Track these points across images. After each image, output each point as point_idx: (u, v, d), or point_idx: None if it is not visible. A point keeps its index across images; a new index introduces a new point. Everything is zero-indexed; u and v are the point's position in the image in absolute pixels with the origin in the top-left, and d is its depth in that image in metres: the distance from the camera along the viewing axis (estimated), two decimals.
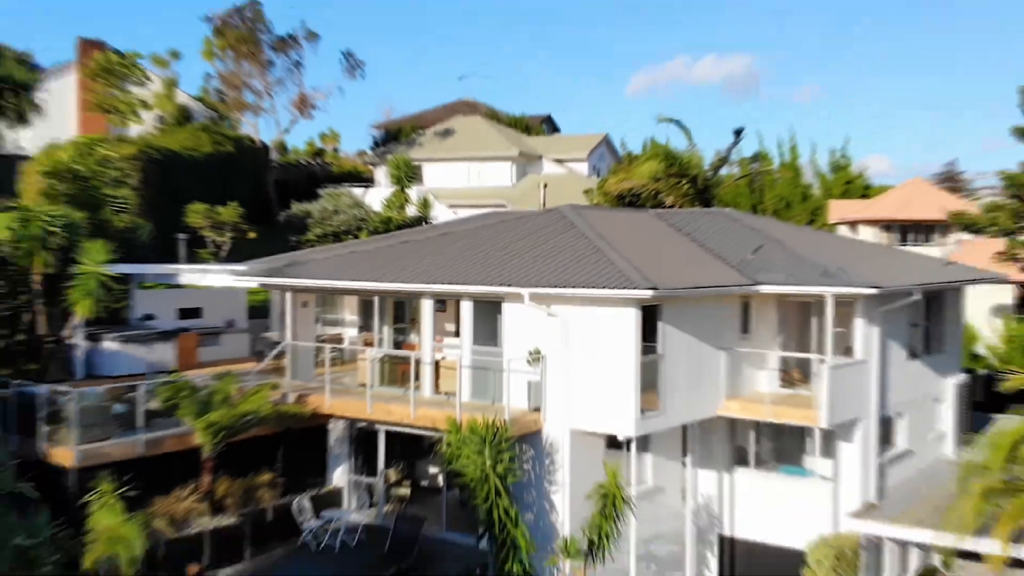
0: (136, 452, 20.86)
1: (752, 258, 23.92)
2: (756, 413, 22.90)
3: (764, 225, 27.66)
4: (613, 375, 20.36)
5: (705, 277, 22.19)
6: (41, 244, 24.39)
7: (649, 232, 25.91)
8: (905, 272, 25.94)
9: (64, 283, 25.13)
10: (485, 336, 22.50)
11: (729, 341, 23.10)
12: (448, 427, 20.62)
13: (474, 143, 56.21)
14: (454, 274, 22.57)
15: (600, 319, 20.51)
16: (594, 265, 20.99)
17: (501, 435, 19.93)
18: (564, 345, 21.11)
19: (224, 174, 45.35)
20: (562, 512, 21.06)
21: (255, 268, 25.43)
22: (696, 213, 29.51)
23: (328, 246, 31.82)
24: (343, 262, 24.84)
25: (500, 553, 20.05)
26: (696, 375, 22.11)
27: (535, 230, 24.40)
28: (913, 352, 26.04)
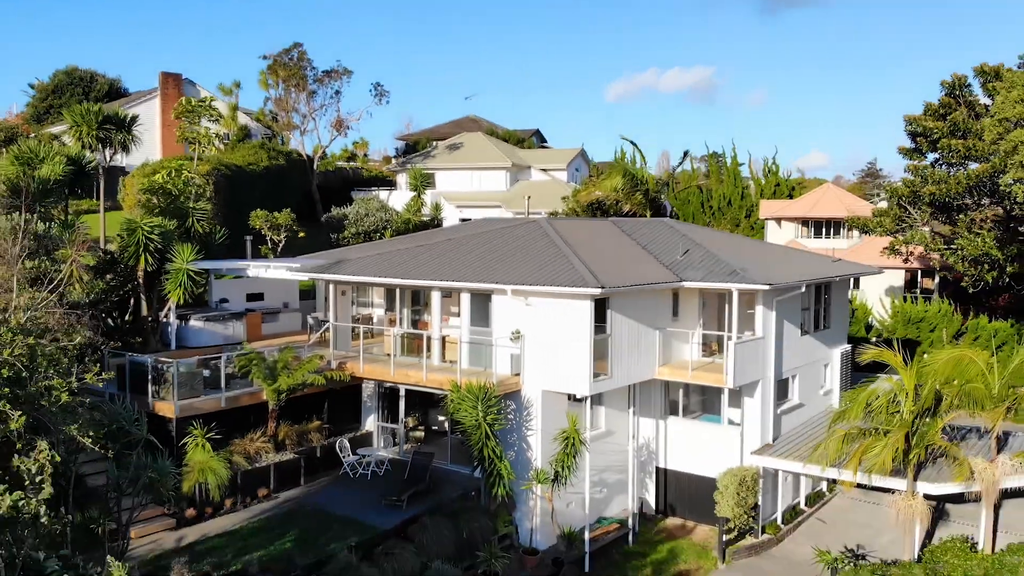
0: (219, 406, 23.12)
1: (681, 259, 26.14)
2: (682, 376, 25.20)
3: (693, 232, 29.67)
4: (573, 350, 22.64)
5: (643, 275, 24.39)
6: (143, 248, 26.56)
7: (605, 238, 28.04)
8: (798, 269, 28.10)
9: (161, 276, 27.31)
10: (479, 319, 24.77)
11: (662, 323, 25.37)
12: (451, 387, 22.95)
13: (476, 155, 58.03)
14: (456, 273, 24.76)
15: (564, 308, 22.76)
16: (559, 268, 23.20)
17: (490, 394, 22.23)
18: (537, 327, 23.37)
19: (278, 183, 47.31)
20: (535, 450, 23.40)
21: (306, 265, 27.51)
22: (642, 221, 31.63)
23: (360, 245, 33.80)
24: (372, 262, 26.99)
25: (489, 480, 22.41)
26: (636, 349, 24.38)
27: (517, 238, 26.54)
28: (804, 329, 28.36)
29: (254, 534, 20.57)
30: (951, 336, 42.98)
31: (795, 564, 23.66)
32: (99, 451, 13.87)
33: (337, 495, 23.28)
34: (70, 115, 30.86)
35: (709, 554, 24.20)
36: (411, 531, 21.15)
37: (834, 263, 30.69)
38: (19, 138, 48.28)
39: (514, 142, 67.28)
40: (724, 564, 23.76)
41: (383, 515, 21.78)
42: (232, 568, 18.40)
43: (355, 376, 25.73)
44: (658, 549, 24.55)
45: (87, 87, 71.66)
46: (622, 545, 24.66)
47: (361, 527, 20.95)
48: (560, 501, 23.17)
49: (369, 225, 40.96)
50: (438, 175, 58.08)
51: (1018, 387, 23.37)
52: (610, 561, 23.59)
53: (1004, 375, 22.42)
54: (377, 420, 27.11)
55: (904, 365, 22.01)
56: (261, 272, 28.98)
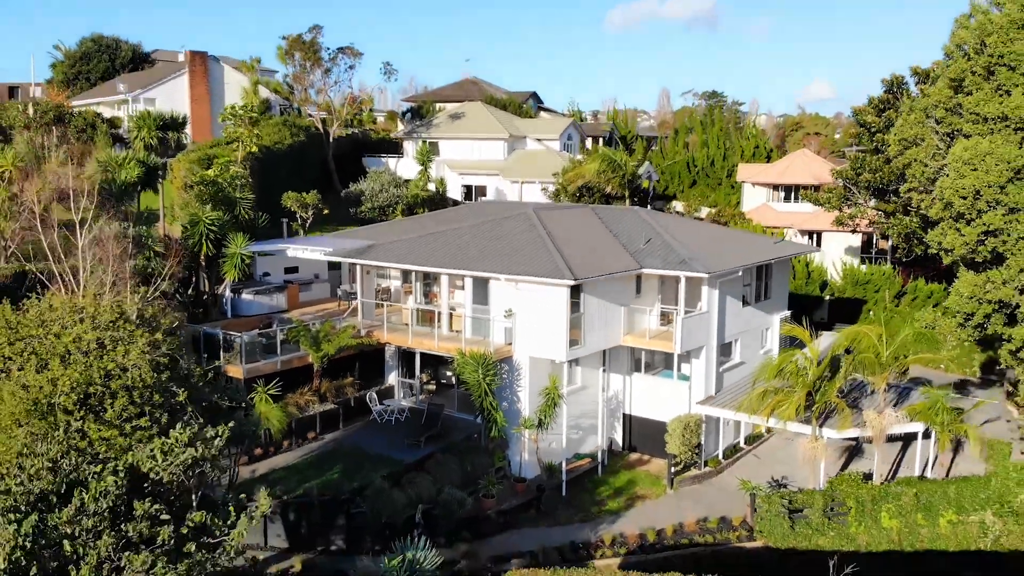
0: (276, 368, 29.23)
1: (644, 247, 31.96)
2: (641, 343, 31.23)
3: (657, 220, 35.17)
4: (553, 325, 28.64)
5: (611, 264, 30.19)
6: (204, 237, 32.33)
7: (584, 227, 33.69)
8: (741, 255, 33.79)
9: (218, 259, 33.16)
10: (480, 299, 30.70)
11: (627, 300, 31.31)
12: (458, 354, 29.06)
13: (476, 126, 63.07)
14: (460, 263, 30.51)
15: (546, 292, 28.63)
16: (543, 260, 29.02)
17: (488, 360, 28.31)
18: (526, 306, 29.33)
19: (299, 157, 52.62)
20: (524, 403, 29.61)
21: (338, 250, 33.18)
22: (616, 210, 37.26)
23: (377, 226, 39.39)
24: (392, 249, 32.67)
25: (488, 426, 28.64)
26: (605, 321, 30.35)
27: (510, 231, 32.20)
28: (746, 301, 34.33)
29: (308, 467, 26.95)
30: (892, 296, 49.11)
31: (728, 491, 30.04)
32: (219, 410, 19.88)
33: (369, 437, 29.57)
34: (133, 121, 36.25)
35: (660, 482, 30.60)
36: (428, 465, 27.48)
37: (775, 244, 36.51)
38: (67, 116, 53.46)
39: (513, 108, 72.17)
40: (672, 490, 30.18)
41: (406, 453, 28.11)
42: (297, 493, 24.75)
43: (380, 341, 31.80)
44: (620, 478, 30.94)
45: (112, 54, 76.29)
46: (593, 475, 31.05)
47: (390, 461, 27.30)
48: (544, 441, 29.44)
49: (383, 200, 46.59)
50: (441, 143, 63.25)
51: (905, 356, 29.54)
52: (582, 488, 29.99)
53: (892, 347, 28.50)
54: (398, 376, 33.29)
55: (811, 339, 28.07)
56: (299, 253, 34.83)
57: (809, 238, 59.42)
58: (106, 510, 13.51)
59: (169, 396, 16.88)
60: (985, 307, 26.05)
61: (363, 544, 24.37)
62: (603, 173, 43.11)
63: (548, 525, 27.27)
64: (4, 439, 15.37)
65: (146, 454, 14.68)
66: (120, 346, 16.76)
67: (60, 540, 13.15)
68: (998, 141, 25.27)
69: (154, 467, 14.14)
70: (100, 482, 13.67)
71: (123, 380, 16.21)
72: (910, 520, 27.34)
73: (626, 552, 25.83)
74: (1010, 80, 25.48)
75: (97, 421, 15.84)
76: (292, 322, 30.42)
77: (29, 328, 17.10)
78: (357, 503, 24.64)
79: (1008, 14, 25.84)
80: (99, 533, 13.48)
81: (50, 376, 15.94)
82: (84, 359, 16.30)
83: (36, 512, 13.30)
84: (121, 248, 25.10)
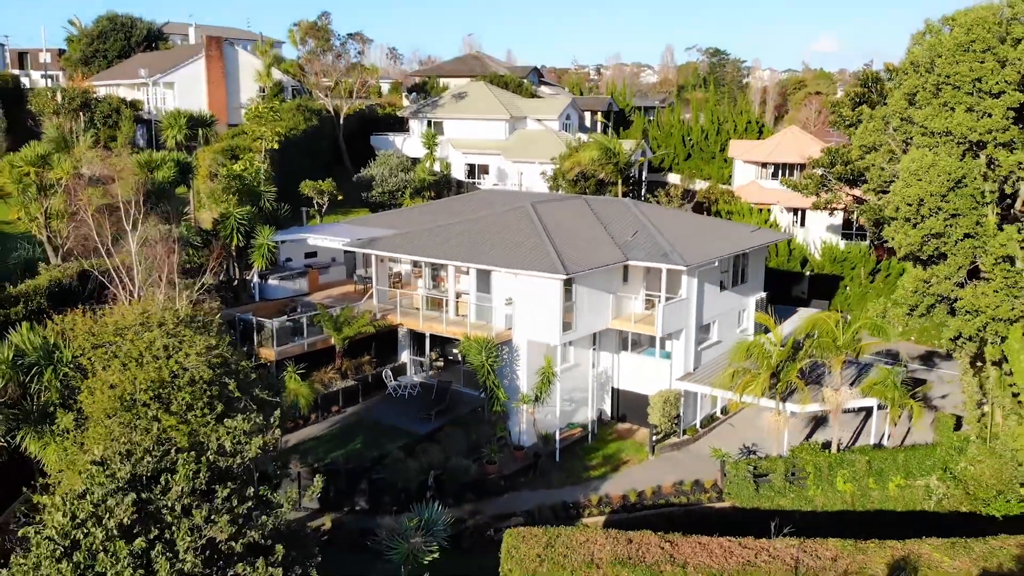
0: (303, 349, 32.81)
1: (631, 240, 35.24)
2: (627, 327, 34.68)
3: (644, 212, 38.24)
4: (548, 312, 32.08)
5: (601, 257, 33.45)
6: (235, 230, 35.64)
7: (577, 219, 36.82)
8: (720, 245, 36.96)
9: (247, 249, 36.50)
10: (483, 287, 34.07)
11: (615, 288, 34.68)
12: (464, 338, 32.53)
13: (479, 107, 65.75)
14: (464, 256, 33.74)
15: (542, 284, 31.98)
16: (540, 255, 32.31)
17: (491, 343, 31.83)
18: (524, 295, 32.71)
19: (314, 141, 55.63)
20: (522, 380, 33.15)
21: (354, 241, 36.46)
22: (608, 202, 40.37)
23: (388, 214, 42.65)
24: (404, 240, 35.96)
25: (490, 401, 32.22)
26: (595, 308, 33.75)
27: (509, 224, 35.35)
28: (724, 286, 37.68)
29: (334, 439, 30.64)
30: (867, 273, 52.43)
31: (703, 457, 33.70)
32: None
33: (386, 410, 33.24)
34: (166, 119, 39.30)
35: (644, 450, 34.28)
36: (438, 436, 31.15)
37: (752, 233, 39.73)
38: (93, 101, 56.39)
39: (513, 86, 74.68)
40: (653, 456, 33.86)
41: (419, 425, 31.77)
42: (326, 461, 28.45)
43: (394, 324, 35.30)
44: (608, 446, 34.64)
45: (128, 32, 78.74)
46: (584, 443, 34.74)
47: (405, 433, 30.98)
48: (540, 414, 33.09)
49: (393, 185, 49.77)
50: (446, 123, 66.05)
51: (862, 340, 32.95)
52: (574, 455, 33.69)
53: (849, 331, 31.90)
54: (410, 354, 36.86)
55: (775, 325, 31.50)
56: (319, 242, 38.15)
57: (794, 214, 62.53)
58: (193, 490, 17.08)
59: (222, 388, 20.38)
60: (928, 299, 29.36)
61: (383, 505, 28.12)
62: (598, 161, 46.13)
63: (543, 488, 30.98)
64: (100, 428, 18.91)
65: (215, 440, 18.22)
66: (182, 349, 20.21)
67: (158, 512, 16.74)
68: (942, 154, 28.34)
69: (229, 462, 17.67)
70: (185, 467, 17.23)
71: (186, 377, 19.70)
72: (862, 484, 30.98)
73: (610, 511, 29.56)
74: (954, 98, 28.43)
75: (166, 411, 19.36)
76: (315, 305, 33.88)
77: (107, 335, 20.54)
78: (377, 470, 28.35)
79: (955, 37, 28.70)
80: (188, 508, 17.07)
81: (130, 376, 19.43)
82: (155, 362, 19.76)
83: (134, 491, 16.88)
84: (167, 248, 28.34)
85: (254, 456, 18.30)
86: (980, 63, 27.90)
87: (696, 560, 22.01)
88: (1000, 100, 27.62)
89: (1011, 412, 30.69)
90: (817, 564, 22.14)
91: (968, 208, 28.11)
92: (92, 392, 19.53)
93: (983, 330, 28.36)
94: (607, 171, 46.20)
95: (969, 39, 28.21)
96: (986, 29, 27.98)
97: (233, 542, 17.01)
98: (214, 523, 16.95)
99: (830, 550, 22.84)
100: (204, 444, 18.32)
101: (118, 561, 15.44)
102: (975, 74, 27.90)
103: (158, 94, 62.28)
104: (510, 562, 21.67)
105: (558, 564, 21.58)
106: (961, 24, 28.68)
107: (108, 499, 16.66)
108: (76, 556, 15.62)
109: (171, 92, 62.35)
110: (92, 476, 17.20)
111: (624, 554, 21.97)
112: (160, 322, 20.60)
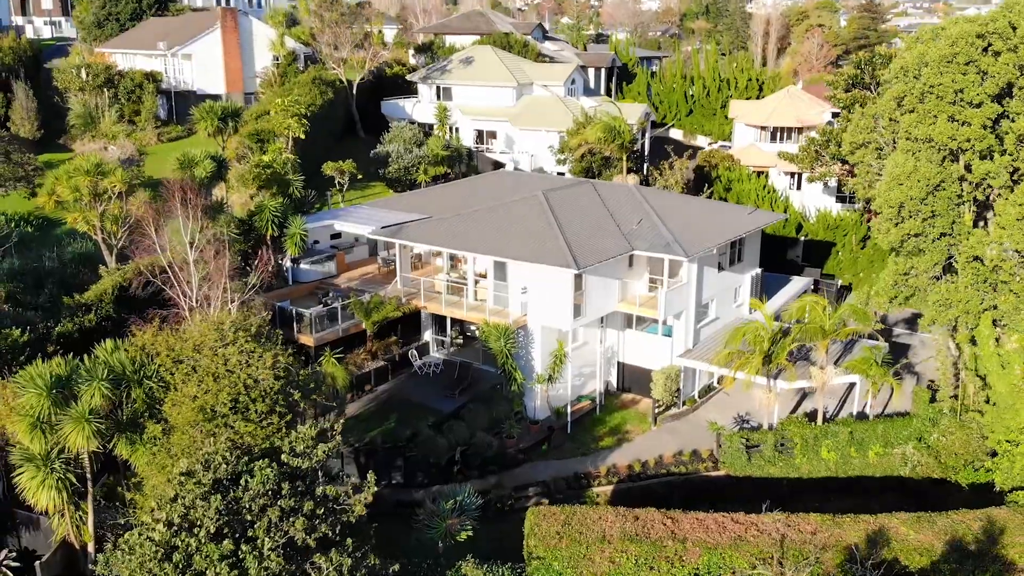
0: (338, 335, 35.76)
1: (636, 228, 37.83)
2: (632, 310, 37.51)
3: (649, 198, 40.65)
4: (560, 300, 34.92)
5: (609, 248, 35.88)
6: (270, 221, 38.15)
7: (586, 207, 39.18)
8: (720, 229, 39.48)
9: (280, 237, 39.04)
10: (500, 276, 36.79)
11: (621, 274, 37.38)
12: (483, 324, 35.43)
13: (487, 73, 67.13)
14: (483, 248, 36.31)
15: (555, 275, 34.66)
16: (553, 247, 34.87)
17: (509, 330, 34.77)
18: (538, 284, 35.46)
19: (330, 113, 57.56)
20: (537, 361, 36.15)
21: (377, 230, 38.87)
22: (613, 186, 42.81)
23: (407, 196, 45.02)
24: (426, 231, 38.48)
25: (508, 380, 35.33)
26: (602, 293, 36.49)
27: (523, 215, 37.71)
28: (722, 267, 40.39)
29: (370, 417, 33.85)
30: (859, 239, 55.01)
31: (701, 426, 36.92)
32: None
33: (413, 388, 36.40)
34: (198, 112, 41.47)
35: (647, 420, 37.54)
36: (462, 413, 34.34)
37: (749, 215, 42.26)
38: (116, 77, 58.15)
39: (518, 48, 75.86)
40: (655, 427, 37.11)
41: (444, 402, 34.96)
42: (365, 441, 31.68)
43: (417, 307, 38.17)
44: (614, 417, 37.84)
45: None
46: (592, 415, 37.98)
47: (433, 411, 34.18)
48: (552, 390, 36.24)
49: (408, 162, 52.02)
50: (454, 89, 67.63)
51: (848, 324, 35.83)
52: (583, 427, 36.93)
53: (835, 316, 34.78)
54: (432, 333, 39.87)
55: (770, 318, 34.42)
56: (345, 228, 40.75)
57: (791, 178, 64.82)
58: (268, 491, 20.21)
59: (288, 396, 23.38)
60: (906, 291, 32.19)
61: (416, 478, 31.48)
62: (603, 139, 48.31)
63: (556, 459, 34.31)
64: (184, 437, 21.95)
65: (288, 444, 21.27)
66: (252, 363, 23.09)
67: (240, 511, 19.90)
68: (923, 159, 30.77)
69: (300, 464, 20.74)
70: (262, 472, 20.32)
71: (258, 390, 22.66)
72: (845, 453, 34.27)
73: (617, 481, 32.94)
74: (937, 107, 30.68)
75: (245, 420, 22.38)
76: (343, 290, 36.76)
77: (187, 351, 23.41)
78: (411, 448, 31.61)
79: (940, 49, 30.81)
80: (265, 507, 20.21)
81: (211, 388, 22.39)
82: (229, 376, 22.69)
83: (218, 493, 20.01)
84: (216, 251, 30.82)
85: (321, 460, 21.41)
86: (963, 75, 30.09)
87: (694, 536, 25.35)
88: (980, 111, 29.88)
89: (980, 390, 33.77)
90: (799, 538, 25.45)
91: (945, 209, 30.68)
92: (176, 404, 22.51)
93: (955, 321, 31.23)
94: (612, 148, 48.42)
95: (953, 52, 30.34)
96: (968, 43, 30.09)
97: (308, 536, 20.25)
98: (291, 521, 20.16)
99: (811, 524, 26.17)
100: (277, 448, 21.44)
101: (212, 563, 18.64)
102: (957, 85, 30.12)
103: (176, 65, 63.88)
104: (533, 539, 25.01)
105: (575, 540, 24.93)
106: (947, 37, 30.75)
107: (197, 503, 19.84)
108: (175, 557, 18.84)
109: (188, 64, 63.96)
110: (182, 484, 20.34)
111: (632, 531, 25.32)
112: (234, 340, 23.39)
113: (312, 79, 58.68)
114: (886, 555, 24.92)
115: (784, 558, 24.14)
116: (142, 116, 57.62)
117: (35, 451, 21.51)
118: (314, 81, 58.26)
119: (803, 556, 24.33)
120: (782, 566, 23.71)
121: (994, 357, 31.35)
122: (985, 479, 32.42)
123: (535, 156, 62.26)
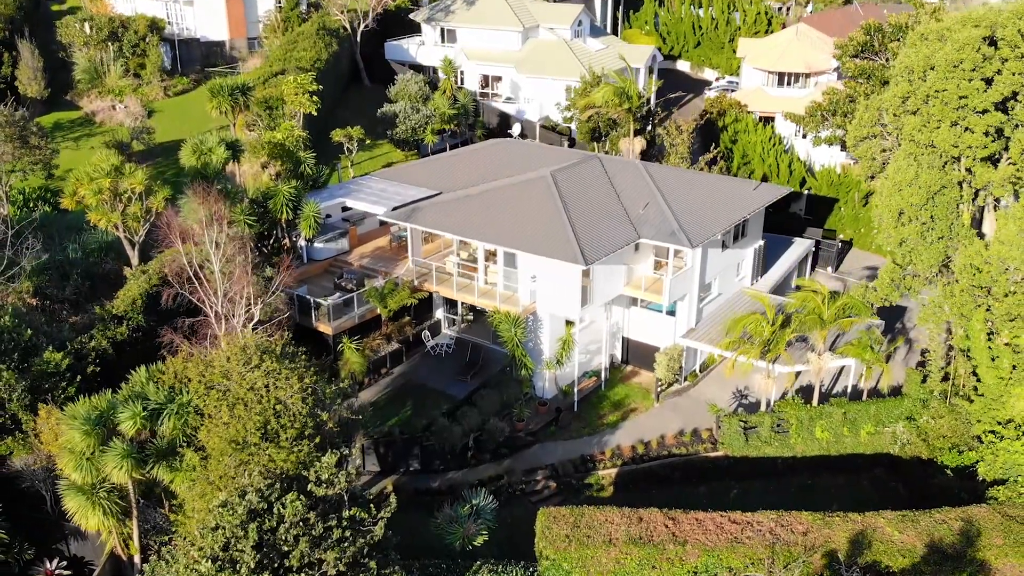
0: (356, 322, 36.92)
1: (642, 212, 38.42)
2: (637, 294, 38.57)
3: (655, 177, 41.00)
4: (568, 290, 35.92)
5: (616, 238, 36.53)
6: (284, 204, 38.69)
7: (595, 188, 39.72)
8: (726, 211, 39.90)
9: (295, 219, 39.67)
10: (510, 264, 37.62)
11: (627, 260, 38.21)
12: (494, 311, 36.54)
13: (492, 16, 65.82)
14: (493, 237, 36.93)
15: (563, 267, 35.45)
16: (561, 240, 35.60)
17: (519, 318, 35.91)
18: (547, 273, 36.36)
19: (336, 67, 56.93)
20: (545, 347, 37.44)
21: (389, 213, 39.51)
22: (620, 163, 42.98)
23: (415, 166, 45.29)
24: (438, 213, 39.07)
25: (518, 367, 36.71)
26: (609, 279, 37.48)
27: (531, 200, 38.11)
28: (725, 245, 41.16)
29: (387, 404, 35.42)
30: (862, 197, 55.37)
31: (701, 402, 38.51)
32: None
33: (427, 370, 37.84)
34: (210, 87, 41.40)
35: (649, 396, 39.10)
36: (474, 398, 35.89)
37: (754, 191, 42.65)
38: (119, 30, 57.29)
39: None
40: (658, 403, 38.75)
41: (457, 387, 36.47)
42: (384, 431, 33.33)
43: (429, 290, 39.18)
44: (617, 391, 39.34)
45: None
46: (597, 391, 39.55)
47: (447, 397, 35.73)
48: (560, 372, 37.69)
49: (415, 122, 51.94)
50: (459, 31, 66.61)
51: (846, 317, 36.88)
52: (589, 404, 38.52)
53: (833, 308, 35.81)
54: (444, 312, 41.04)
55: (771, 306, 35.46)
56: (357, 206, 41.34)
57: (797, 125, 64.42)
58: (300, 521, 21.84)
59: (316, 419, 24.78)
60: (902, 289, 33.14)
61: (433, 465, 33.30)
62: (611, 102, 48.18)
63: (564, 439, 36.02)
64: (219, 466, 23.46)
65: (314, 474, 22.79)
66: (280, 385, 24.35)
67: (273, 540, 21.58)
68: (923, 164, 31.16)
69: (326, 492, 22.29)
70: (292, 504, 21.90)
71: (288, 415, 24.01)
72: (838, 433, 35.94)
73: (621, 463, 34.78)
74: (942, 112, 30.85)
75: (276, 446, 23.83)
76: (354, 270, 37.77)
77: (216, 377, 24.65)
78: (427, 437, 33.29)
79: (947, 54, 30.72)
80: (298, 537, 21.89)
81: (240, 416, 23.73)
82: (259, 404, 24.00)
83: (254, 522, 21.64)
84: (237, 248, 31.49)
85: (344, 488, 22.94)
86: (968, 81, 30.17)
87: (694, 538, 27.19)
88: (983, 118, 30.09)
89: (969, 374, 35.12)
90: (790, 539, 27.30)
91: (944, 214, 31.32)
92: (210, 431, 23.92)
93: (949, 322, 32.32)
94: (620, 111, 48.35)
95: (959, 57, 30.32)
96: (974, 49, 30.04)
97: (339, 562, 21.98)
98: (323, 548, 21.87)
99: (802, 523, 27.95)
100: (305, 477, 22.96)
101: None
102: (962, 91, 30.24)
103: (178, 11, 62.74)
104: (543, 541, 26.86)
105: (582, 544, 26.77)
106: (953, 42, 30.64)
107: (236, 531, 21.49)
108: None
109: (191, 9, 62.80)
110: (220, 515, 21.96)
111: (636, 533, 27.13)
112: (258, 363, 24.58)
113: (316, 29, 57.78)
114: (869, 558, 26.81)
115: (774, 564, 26.02)
116: (147, 69, 57.09)
117: (81, 483, 23.06)
118: (318, 32, 57.39)
119: (793, 558, 26.23)
120: (773, 565, 25.67)
121: (985, 350, 32.57)
122: (969, 462, 34.15)
123: (542, 105, 61.90)
